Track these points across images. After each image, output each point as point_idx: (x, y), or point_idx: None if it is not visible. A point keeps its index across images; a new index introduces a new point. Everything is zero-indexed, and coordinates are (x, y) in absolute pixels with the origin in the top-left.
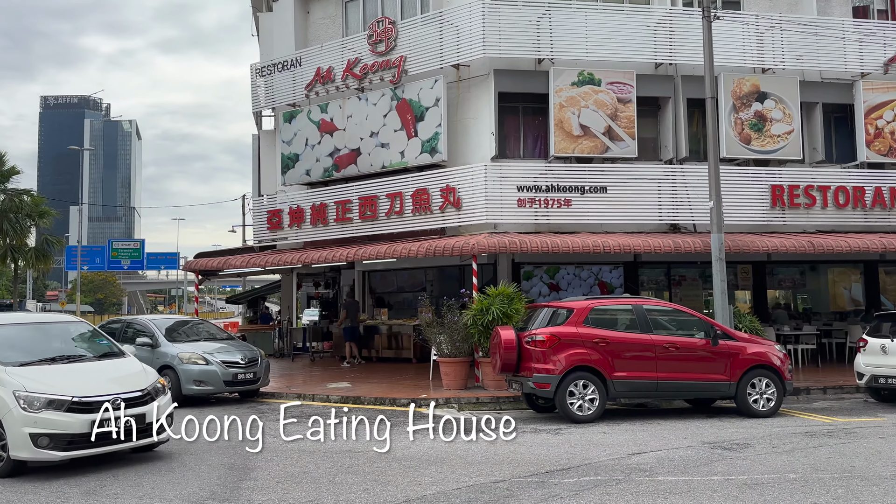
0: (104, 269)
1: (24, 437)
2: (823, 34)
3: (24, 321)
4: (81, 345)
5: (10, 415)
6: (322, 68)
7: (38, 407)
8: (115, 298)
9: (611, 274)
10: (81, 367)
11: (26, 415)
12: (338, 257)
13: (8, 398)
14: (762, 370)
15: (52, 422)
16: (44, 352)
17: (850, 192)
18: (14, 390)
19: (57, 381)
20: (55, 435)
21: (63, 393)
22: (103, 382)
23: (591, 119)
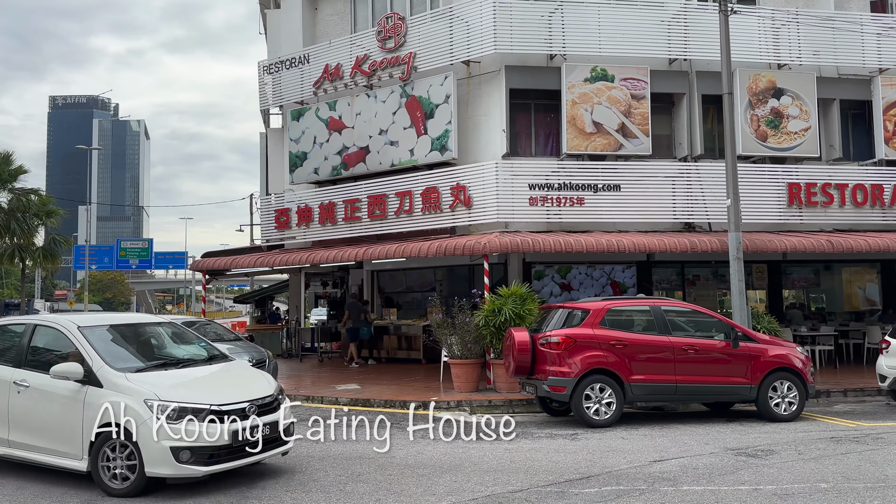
0: (112, 268)
1: (164, 451)
2: (841, 29)
3: (117, 322)
4: (183, 347)
5: (146, 427)
6: (330, 65)
7: (175, 417)
8: (124, 298)
9: (623, 274)
10: (199, 372)
11: (164, 426)
12: (346, 257)
13: (140, 408)
14: (784, 373)
15: (194, 433)
16: (149, 355)
17: (869, 190)
18: (146, 399)
19: (183, 388)
20: (197, 448)
21: (200, 401)
22: (232, 388)
23: (604, 116)
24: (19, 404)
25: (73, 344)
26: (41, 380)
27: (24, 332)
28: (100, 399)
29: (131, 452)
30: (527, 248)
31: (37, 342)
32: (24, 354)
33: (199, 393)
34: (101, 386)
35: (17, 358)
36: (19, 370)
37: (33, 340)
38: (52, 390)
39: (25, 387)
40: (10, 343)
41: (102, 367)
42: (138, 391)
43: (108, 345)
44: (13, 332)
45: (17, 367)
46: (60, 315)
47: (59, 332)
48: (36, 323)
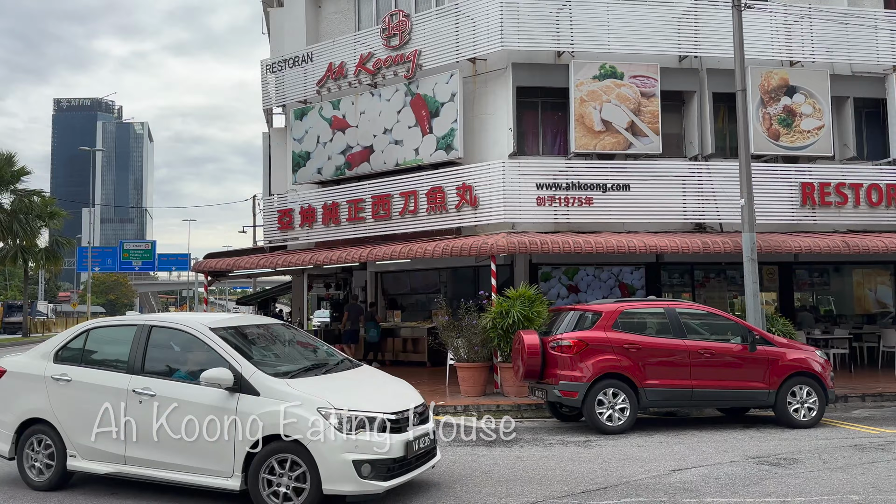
0: (116, 270)
1: (346, 465)
2: (854, 26)
3: (239, 322)
4: (309, 350)
5: (323, 438)
6: (334, 64)
7: (353, 427)
8: (127, 299)
9: (632, 275)
10: (347, 378)
11: (344, 437)
12: (350, 258)
13: (314, 417)
14: (803, 377)
15: (372, 445)
16: (289, 359)
17: (884, 190)
18: (319, 407)
19: (345, 395)
20: (377, 461)
21: (371, 409)
22: (387, 396)
23: (613, 114)
24: (141, 416)
25: (207, 346)
26: (172, 388)
27: (138, 335)
28: (258, 408)
29: (300, 467)
30: (535, 249)
31: (156, 345)
32: (140, 359)
33: (363, 400)
34: (256, 394)
35: (131, 364)
36: (139, 377)
37: (151, 343)
38: (190, 399)
39: (150, 395)
40: (120, 347)
41: (255, 373)
42: (308, 399)
43: (247, 348)
44: (121, 335)
45: (134, 373)
46: (172, 314)
47: (185, 333)
48: (152, 324)
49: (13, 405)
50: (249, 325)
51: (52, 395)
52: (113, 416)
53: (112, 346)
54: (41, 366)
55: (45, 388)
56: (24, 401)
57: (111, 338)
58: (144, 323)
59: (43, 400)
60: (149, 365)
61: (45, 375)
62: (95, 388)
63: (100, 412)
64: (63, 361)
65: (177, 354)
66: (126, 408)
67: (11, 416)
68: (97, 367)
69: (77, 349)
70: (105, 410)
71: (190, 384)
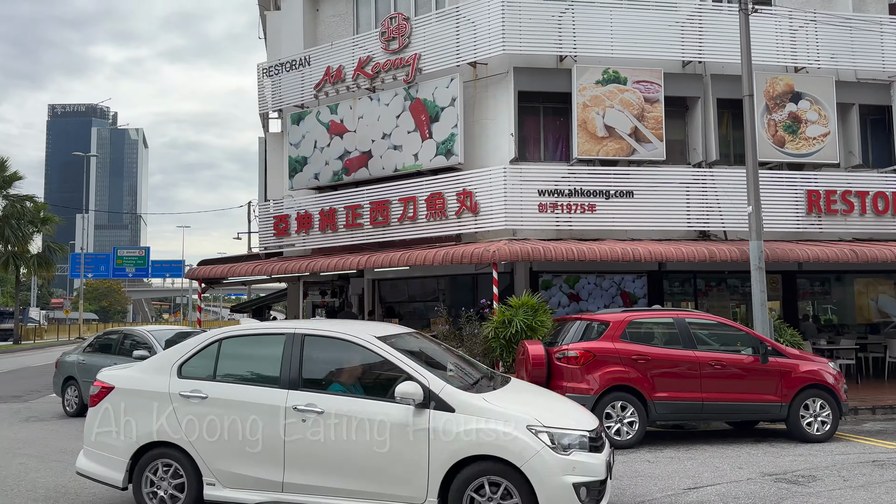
0: (109, 276)
1: (567, 489)
2: (860, 31)
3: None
4: (461, 360)
5: (539, 459)
6: (332, 67)
7: (564, 446)
8: (120, 306)
9: (634, 283)
10: (522, 391)
11: (560, 458)
12: (348, 265)
13: (525, 436)
14: (816, 390)
15: (585, 465)
16: (460, 371)
17: (890, 199)
18: (529, 425)
19: (540, 411)
20: (590, 484)
21: (575, 426)
22: (576, 412)
23: (616, 119)
24: (306, 436)
25: (383, 359)
26: (343, 404)
27: (289, 346)
28: (456, 426)
29: (508, 492)
30: (538, 257)
31: (313, 357)
32: (296, 373)
33: (561, 416)
34: (450, 409)
35: (286, 377)
36: (299, 392)
37: (305, 355)
38: (369, 416)
39: (317, 413)
40: (265, 359)
41: (446, 387)
42: (514, 416)
43: (420, 359)
44: (264, 346)
45: (291, 388)
46: (314, 323)
47: (350, 343)
48: (303, 333)
49: (128, 427)
50: (402, 333)
51: (182, 415)
52: (267, 437)
53: (254, 358)
54: (162, 381)
55: (172, 407)
56: (144, 422)
57: (251, 349)
58: (294, 332)
59: (170, 420)
60: (306, 379)
61: (169, 392)
62: (242, 405)
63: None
64: (190, 376)
65: (339, 367)
66: (285, 427)
67: (126, 441)
68: (238, 381)
69: (207, 362)
70: (256, 430)
71: (365, 399)
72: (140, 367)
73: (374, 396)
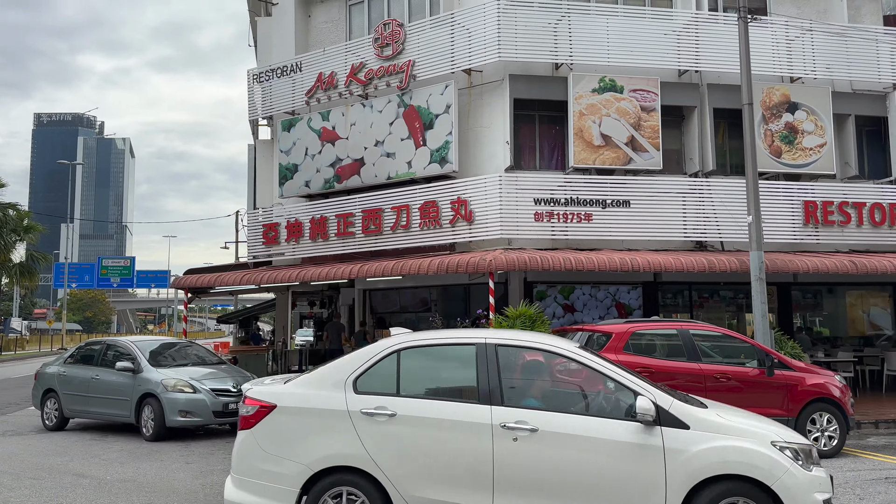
0: (94, 286)
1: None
2: (855, 42)
3: None
4: None
5: (790, 476)
6: (324, 74)
7: (807, 461)
8: (105, 317)
9: (629, 294)
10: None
11: (808, 474)
12: (339, 274)
13: (771, 452)
14: (823, 404)
15: (825, 482)
16: None
17: (887, 210)
18: (772, 440)
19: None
20: (831, 501)
21: (806, 441)
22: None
23: (612, 128)
24: (519, 456)
25: (591, 370)
26: (558, 421)
27: (482, 357)
28: (695, 444)
29: None
30: (535, 266)
31: (511, 369)
32: (496, 387)
33: (787, 432)
34: (684, 427)
35: (485, 392)
36: (503, 409)
37: (502, 367)
38: (591, 434)
39: (529, 431)
40: (455, 371)
41: (674, 403)
42: (754, 432)
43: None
44: (451, 356)
45: (494, 404)
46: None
47: (552, 354)
48: (496, 342)
49: (298, 451)
50: None
51: (367, 436)
52: (472, 459)
53: (440, 370)
54: (336, 398)
55: (353, 427)
56: (318, 445)
57: (434, 361)
58: (486, 342)
59: (351, 442)
60: (507, 393)
61: (348, 410)
62: (439, 423)
63: (450, 454)
64: (370, 391)
65: (539, 379)
66: (493, 447)
67: (296, 467)
68: (428, 397)
69: (387, 376)
70: (459, 452)
71: (583, 416)
72: (303, 382)
73: (586, 412)
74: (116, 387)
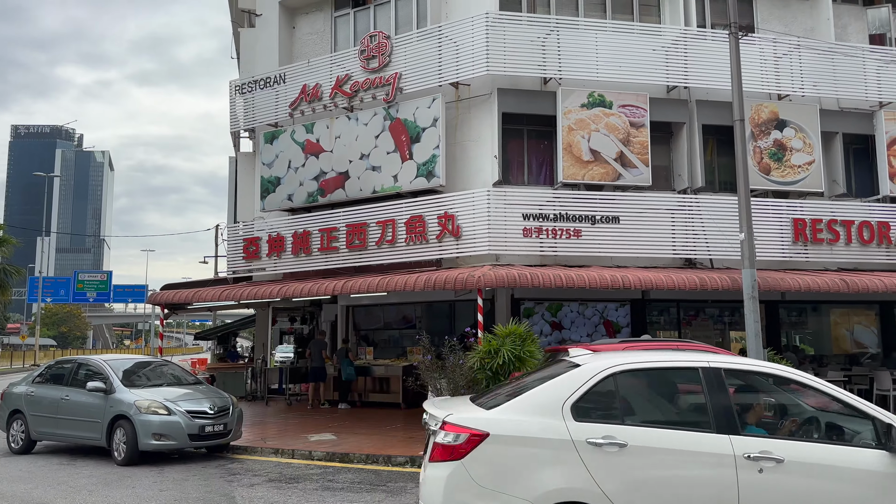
0: (69, 301)
1: None
2: (842, 60)
3: None
4: None
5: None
6: (308, 85)
7: None
8: (80, 332)
9: (617, 312)
10: None
11: None
12: (323, 290)
13: None
14: None
15: None
16: None
17: (875, 228)
18: None
19: None
20: None
21: None
22: None
23: (601, 143)
24: (763, 490)
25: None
26: (804, 450)
27: (710, 381)
28: None
29: None
30: (525, 283)
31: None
32: (730, 413)
33: None
34: None
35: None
36: (741, 438)
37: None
38: (841, 464)
39: (775, 462)
40: (680, 396)
41: None
42: None
43: None
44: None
45: (728, 433)
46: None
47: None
48: (722, 366)
49: (519, 485)
50: None
51: (596, 468)
52: (715, 493)
53: (662, 396)
54: (555, 425)
55: (580, 458)
56: (542, 478)
57: (654, 385)
58: (709, 366)
59: (579, 475)
60: (741, 421)
61: (572, 439)
62: (675, 455)
63: (692, 488)
64: (590, 419)
65: (769, 405)
66: (738, 480)
67: (518, 502)
68: (656, 425)
69: (606, 402)
70: (702, 485)
71: (827, 445)
72: (512, 408)
73: (830, 440)
74: (87, 408)
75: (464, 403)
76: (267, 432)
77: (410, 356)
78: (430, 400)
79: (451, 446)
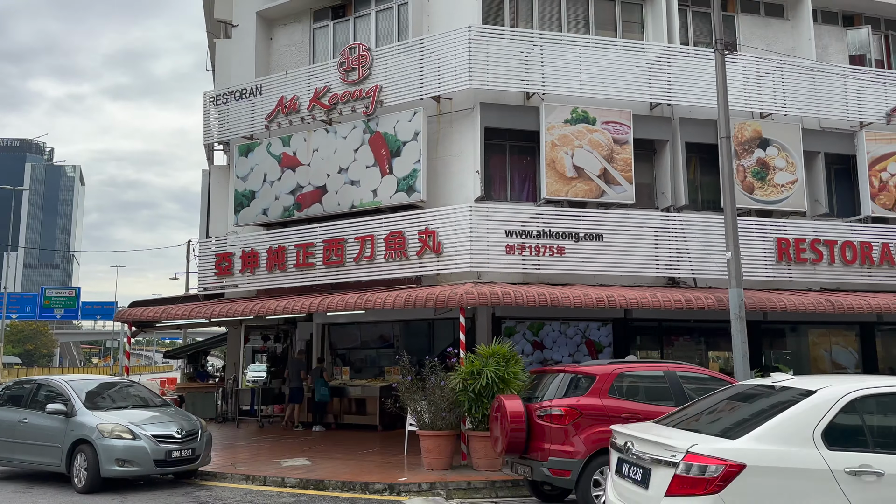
0: (35, 317)
1: None
2: (824, 80)
3: None
4: None
5: None
6: (286, 97)
7: None
8: (47, 349)
9: (599, 332)
10: None
11: None
12: (299, 307)
13: None
14: None
15: None
16: None
17: (858, 248)
18: None
19: None
20: None
21: None
22: None
23: (585, 160)
24: None
25: None
26: None
27: None
28: None
29: None
30: (508, 301)
31: None
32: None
33: None
34: None
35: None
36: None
37: None
38: None
39: None
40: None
41: None
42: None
43: None
44: None
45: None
46: None
47: None
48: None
49: None
50: None
51: (857, 499)
52: None
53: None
54: (811, 455)
55: (840, 489)
56: None
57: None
58: None
59: None
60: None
61: (830, 469)
62: None
63: None
64: (842, 447)
65: None
66: None
67: None
68: None
69: (852, 427)
70: None
71: None
72: (762, 437)
73: None
74: (46, 432)
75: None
76: (238, 457)
77: (388, 376)
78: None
79: (703, 479)
